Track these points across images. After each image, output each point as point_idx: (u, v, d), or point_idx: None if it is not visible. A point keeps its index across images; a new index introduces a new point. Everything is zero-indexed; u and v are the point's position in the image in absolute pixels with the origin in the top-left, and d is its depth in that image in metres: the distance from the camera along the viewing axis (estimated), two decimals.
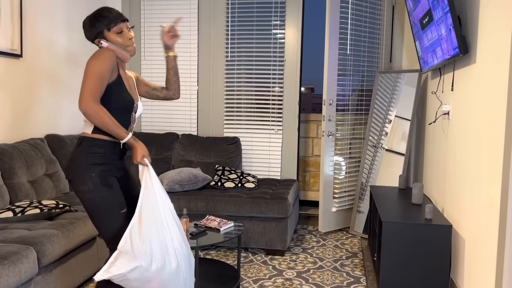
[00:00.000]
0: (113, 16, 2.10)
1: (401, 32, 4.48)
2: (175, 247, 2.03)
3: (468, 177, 2.56)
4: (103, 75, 1.97)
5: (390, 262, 2.72)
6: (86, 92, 1.92)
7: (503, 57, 2.11)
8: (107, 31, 2.10)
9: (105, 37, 2.11)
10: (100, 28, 2.09)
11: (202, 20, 4.66)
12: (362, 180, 4.26)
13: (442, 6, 2.68)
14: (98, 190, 2.01)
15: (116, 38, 2.11)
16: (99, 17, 2.09)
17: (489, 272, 2.21)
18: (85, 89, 1.92)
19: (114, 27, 2.10)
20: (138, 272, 1.91)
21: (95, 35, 2.10)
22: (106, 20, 2.09)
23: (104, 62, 1.98)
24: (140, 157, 2.03)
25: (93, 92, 1.93)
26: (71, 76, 4.12)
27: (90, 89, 1.93)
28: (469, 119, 2.58)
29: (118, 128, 1.97)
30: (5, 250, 2.21)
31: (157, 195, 2.03)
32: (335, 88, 4.21)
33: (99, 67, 1.96)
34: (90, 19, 2.11)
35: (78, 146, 2.06)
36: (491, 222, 2.19)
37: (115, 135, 1.98)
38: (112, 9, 2.12)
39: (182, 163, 4.36)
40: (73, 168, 2.04)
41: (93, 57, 1.99)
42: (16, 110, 3.41)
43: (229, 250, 3.74)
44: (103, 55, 1.99)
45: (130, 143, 2.02)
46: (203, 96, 4.71)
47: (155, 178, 2.05)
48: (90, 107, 1.91)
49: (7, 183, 2.96)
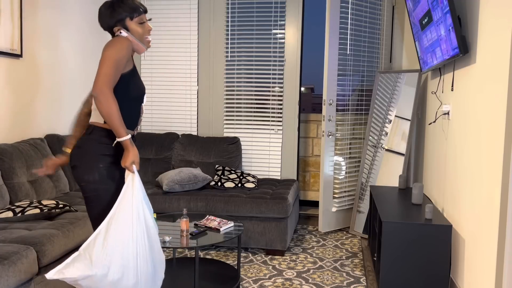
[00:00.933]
0: (135, 5, 2.04)
1: (401, 32, 4.48)
2: (138, 264, 1.92)
3: (468, 177, 2.56)
4: (120, 63, 1.93)
5: (390, 262, 2.72)
6: (102, 77, 1.87)
7: (503, 57, 2.11)
8: (129, 20, 2.03)
9: (125, 26, 2.04)
10: (122, 15, 2.02)
11: (202, 20, 4.66)
12: (362, 180, 4.26)
13: (441, 6, 2.68)
14: (104, 182, 1.99)
15: (137, 28, 2.05)
16: (122, 4, 2.02)
17: (489, 272, 2.21)
18: (101, 74, 1.87)
19: (137, 16, 2.04)
20: (91, 280, 1.85)
21: (115, 22, 2.02)
22: (129, 8, 2.02)
23: (122, 50, 1.93)
24: (130, 162, 1.94)
25: (109, 78, 1.88)
26: (71, 76, 4.12)
27: (106, 74, 1.88)
28: (469, 119, 2.58)
29: (121, 123, 1.92)
30: (5, 250, 2.21)
31: (133, 206, 1.92)
32: (335, 88, 4.21)
33: (117, 55, 1.91)
34: (112, 5, 2.02)
35: (88, 135, 2.01)
36: (491, 222, 2.19)
37: (115, 129, 1.91)
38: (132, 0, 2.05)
39: (182, 163, 4.36)
40: (81, 155, 1.99)
41: (111, 45, 1.93)
42: (16, 110, 3.41)
43: (229, 250, 3.74)
44: (122, 43, 1.94)
45: (126, 144, 1.95)
46: (203, 96, 4.71)
47: (138, 187, 1.95)
48: (103, 93, 1.86)
49: (7, 183, 2.96)
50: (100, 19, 2.06)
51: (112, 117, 1.88)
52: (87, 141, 2.01)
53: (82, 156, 1.99)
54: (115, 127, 1.91)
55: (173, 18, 4.68)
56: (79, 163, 2.00)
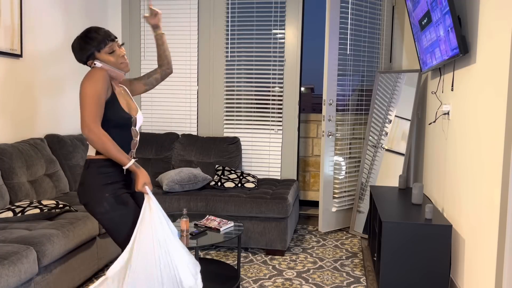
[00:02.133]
0: (101, 37, 2.06)
1: (401, 32, 4.48)
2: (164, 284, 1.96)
3: (468, 177, 2.56)
4: (100, 96, 1.96)
5: (390, 262, 2.72)
6: (87, 116, 1.92)
7: (503, 57, 2.11)
8: (97, 53, 2.07)
9: (96, 58, 2.07)
10: (90, 50, 2.05)
11: (202, 20, 4.66)
12: (362, 180, 4.26)
13: (440, 7, 2.68)
14: (115, 209, 2.03)
15: (108, 58, 2.08)
16: (88, 39, 2.06)
17: (489, 272, 2.21)
18: (85, 114, 1.92)
19: (104, 47, 2.07)
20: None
21: (86, 57, 2.07)
22: (95, 42, 2.05)
23: (98, 83, 1.96)
24: (141, 185, 2.00)
25: (94, 115, 1.93)
26: (71, 76, 4.12)
27: (91, 112, 1.93)
28: (469, 119, 2.58)
29: (120, 153, 1.97)
30: (5, 250, 2.21)
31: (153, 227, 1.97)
32: (335, 88, 4.21)
33: (94, 89, 1.94)
34: (79, 43, 2.07)
35: (87, 169, 2.05)
36: (491, 222, 2.19)
37: (117, 160, 1.98)
38: (99, 29, 2.08)
39: (182, 163, 4.36)
40: (86, 191, 2.04)
41: (87, 79, 1.96)
42: (16, 110, 3.41)
43: (229, 250, 3.74)
44: (96, 75, 1.97)
45: (132, 170, 2.01)
46: (203, 96, 4.71)
47: (155, 207, 2.00)
48: (92, 131, 1.91)
49: (7, 183, 2.96)
50: (74, 54, 2.11)
51: (109, 150, 1.94)
52: (88, 176, 2.05)
53: (87, 192, 2.04)
54: (115, 158, 1.97)
55: (173, 18, 4.68)
56: (88, 200, 2.04)
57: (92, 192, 2.03)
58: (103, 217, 2.02)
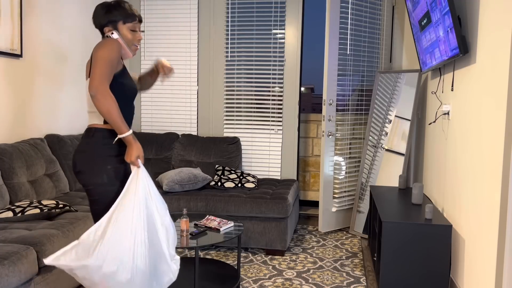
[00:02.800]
0: (132, 12, 2.08)
1: (401, 32, 4.48)
2: (135, 260, 1.89)
3: (468, 177, 2.56)
4: (113, 63, 1.94)
5: (390, 262, 2.72)
6: (98, 76, 1.88)
7: (503, 57, 2.11)
8: (121, 23, 2.06)
9: (117, 28, 2.06)
10: (116, 17, 2.04)
11: (202, 20, 4.66)
12: (362, 180, 4.26)
13: (440, 8, 2.68)
14: (112, 183, 2.00)
15: (127, 33, 2.08)
16: (118, 7, 2.05)
17: (489, 272, 2.21)
18: (96, 74, 1.88)
19: (130, 22, 2.07)
20: (86, 270, 1.85)
21: (107, 22, 2.04)
22: (125, 13, 2.05)
23: (113, 51, 1.94)
24: (135, 157, 1.95)
25: (105, 76, 1.89)
26: (71, 76, 4.12)
27: (102, 73, 1.88)
28: (469, 119, 2.58)
29: (121, 119, 1.92)
30: (5, 250, 2.21)
31: (136, 200, 1.91)
32: (335, 88, 4.21)
33: (109, 55, 1.92)
34: (108, 5, 2.04)
35: (90, 138, 2.01)
36: (491, 222, 2.19)
37: (116, 126, 1.92)
38: (131, 5, 2.09)
39: (182, 163, 4.36)
40: (86, 159, 1.99)
41: (102, 46, 1.94)
42: (16, 110, 3.41)
43: (229, 250, 3.74)
44: (112, 44, 1.95)
45: (128, 140, 1.95)
46: (203, 96, 4.71)
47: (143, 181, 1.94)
48: (100, 91, 1.87)
49: (7, 183, 2.96)
50: (94, 16, 2.08)
51: (112, 113, 1.88)
52: (91, 145, 2.01)
53: (87, 161, 2.00)
54: (116, 123, 1.91)
55: (173, 18, 4.68)
56: (85, 168, 1.99)
57: (94, 161, 1.98)
58: (96, 188, 1.98)
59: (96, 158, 1.99)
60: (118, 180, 2.02)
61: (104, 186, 1.99)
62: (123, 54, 2.10)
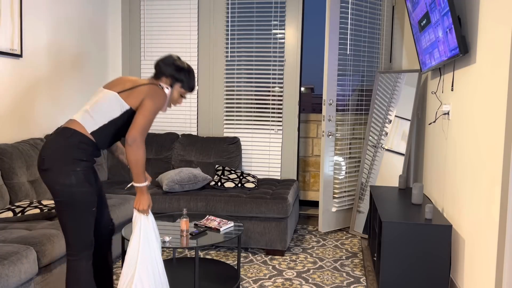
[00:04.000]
0: (192, 83, 2.30)
1: (401, 32, 4.48)
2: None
3: (468, 177, 2.56)
4: (156, 114, 2.15)
5: (390, 262, 2.72)
6: (140, 127, 2.06)
7: (503, 57, 2.11)
8: (178, 85, 2.26)
9: (171, 85, 2.25)
10: (179, 78, 2.25)
11: (202, 20, 4.66)
12: (362, 180, 4.26)
13: (439, 9, 2.68)
14: (81, 185, 2.05)
15: (176, 95, 2.29)
16: (188, 73, 2.26)
17: (489, 272, 2.21)
18: (140, 124, 2.06)
19: (184, 88, 2.28)
20: None
21: (168, 75, 2.24)
22: (188, 80, 2.27)
23: (161, 104, 2.15)
24: (147, 205, 2.14)
25: (147, 128, 2.09)
26: (71, 76, 4.12)
27: (143, 125, 2.07)
28: (469, 119, 2.58)
29: (143, 171, 2.11)
30: (5, 250, 2.21)
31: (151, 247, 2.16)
32: (335, 88, 4.21)
33: (157, 108, 2.13)
34: (182, 68, 2.25)
35: (66, 138, 2.06)
36: (491, 222, 2.19)
37: (136, 175, 2.09)
38: (195, 79, 2.33)
39: (182, 163, 4.36)
40: (56, 159, 2.03)
41: (156, 96, 2.13)
42: (16, 110, 3.41)
43: (229, 250, 3.74)
44: (163, 97, 2.16)
45: (141, 190, 2.13)
46: (203, 96, 4.71)
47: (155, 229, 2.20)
48: (136, 142, 2.04)
49: (7, 183, 2.96)
50: (164, 62, 2.26)
51: (139, 165, 2.07)
52: (64, 144, 2.05)
53: (57, 159, 2.03)
54: (137, 173, 2.09)
55: (173, 18, 4.68)
56: (53, 166, 2.03)
57: (64, 161, 2.03)
58: (64, 189, 2.02)
59: (67, 158, 2.03)
60: (88, 182, 2.09)
61: (71, 187, 2.03)
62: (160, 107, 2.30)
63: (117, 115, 2.14)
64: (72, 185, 2.03)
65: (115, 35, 4.79)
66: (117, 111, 2.13)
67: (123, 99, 2.14)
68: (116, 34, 4.79)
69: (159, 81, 2.25)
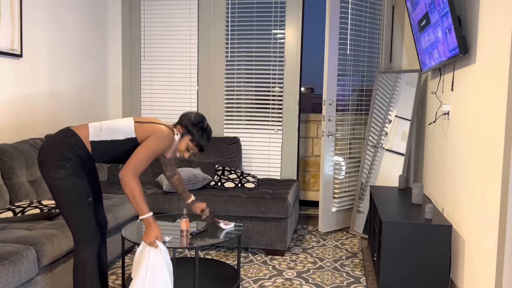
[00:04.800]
0: (204, 142, 2.36)
1: (401, 32, 4.48)
2: None
3: (468, 177, 2.56)
4: (156, 153, 2.19)
5: (390, 262, 2.72)
6: (133, 164, 2.11)
7: (503, 57, 2.11)
8: (189, 138, 2.34)
9: (183, 135, 2.33)
10: (192, 132, 2.33)
11: (202, 20, 4.66)
12: (362, 180, 4.26)
13: (438, 10, 2.68)
14: (69, 178, 2.15)
15: (183, 146, 2.36)
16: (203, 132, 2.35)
17: (489, 272, 2.21)
18: (134, 161, 2.12)
19: (194, 144, 2.35)
20: None
21: (185, 127, 2.33)
22: (199, 138, 2.33)
23: (164, 145, 2.21)
24: (154, 238, 2.14)
25: (140, 167, 2.13)
26: (71, 76, 4.12)
27: (139, 164, 2.12)
28: (469, 119, 2.58)
29: (143, 202, 2.13)
30: (5, 250, 2.21)
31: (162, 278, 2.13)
32: (335, 88, 4.21)
33: (158, 146, 2.18)
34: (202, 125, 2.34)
35: (64, 137, 2.18)
36: (491, 222, 2.19)
37: (137, 208, 2.13)
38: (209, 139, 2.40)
39: (182, 163, 4.36)
40: (49, 152, 2.16)
41: (161, 137, 2.19)
42: (16, 110, 3.41)
43: (229, 250, 3.74)
44: (168, 139, 2.22)
45: (148, 221, 2.15)
46: (203, 96, 4.71)
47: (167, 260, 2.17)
48: (127, 178, 2.09)
49: (7, 183, 2.96)
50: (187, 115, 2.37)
51: (135, 198, 2.11)
52: (60, 142, 2.17)
53: (50, 153, 2.16)
54: (137, 206, 2.13)
55: (173, 18, 4.68)
56: (46, 159, 2.16)
57: (55, 156, 2.14)
58: (54, 181, 2.14)
59: (58, 154, 2.15)
60: (76, 176, 2.17)
61: (60, 180, 2.14)
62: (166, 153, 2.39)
63: (121, 138, 2.23)
64: (61, 178, 2.13)
65: (115, 35, 4.79)
66: (122, 134, 2.23)
67: (134, 128, 2.24)
68: (116, 34, 4.79)
69: (175, 128, 2.36)
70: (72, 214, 2.17)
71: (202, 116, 2.38)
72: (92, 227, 2.23)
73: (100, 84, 4.63)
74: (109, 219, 3.06)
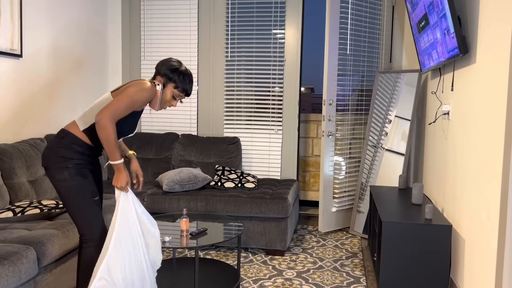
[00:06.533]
0: (188, 86, 2.29)
1: (401, 32, 4.48)
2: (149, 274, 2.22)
3: (468, 177, 2.56)
4: (136, 104, 2.14)
5: (390, 262, 2.72)
6: (111, 109, 2.08)
7: (503, 57, 2.11)
8: (172, 85, 2.27)
9: (165, 84, 2.27)
10: (173, 79, 2.26)
11: (202, 20, 4.66)
12: (362, 180, 4.26)
13: (437, 11, 2.69)
14: (73, 179, 2.19)
15: (168, 95, 2.29)
16: (183, 75, 2.26)
17: (489, 272, 2.21)
18: (111, 107, 2.08)
19: (179, 90, 2.29)
20: None
21: (162, 75, 2.25)
22: (182, 80, 2.26)
23: (144, 93, 2.17)
24: (125, 183, 2.17)
25: (117, 113, 2.09)
26: (71, 76, 4.12)
27: (116, 109, 2.09)
28: (469, 119, 2.58)
29: (116, 148, 2.12)
30: (5, 250, 2.21)
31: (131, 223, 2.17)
32: (335, 88, 4.21)
33: (137, 96, 2.14)
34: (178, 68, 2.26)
35: (60, 138, 2.22)
36: (491, 222, 2.19)
37: (110, 153, 2.12)
38: (192, 82, 2.32)
39: (182, 163, 4.36)
40: (51, 157, 2.20)
41: (139, 85, 2.16)
42: (16, 110, 3.41)
43: (229, 250, 3.74)
44: (149, 91, 2.18)
45: (118, 167, 2.17)
46: (203, 96, 4.71)
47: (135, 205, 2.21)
48: (103, 122, 2.06)
49: (7, 183, 2.96)
50: (162, 63, 2.28)
51: (109, 142, 2.09)
52: (58, 145, 2.22)
53: (51, 158, 2.20)
54: (110, 151, 2.12)
55: (173, 18, 4.68)
56: (50, 165, 2.20)
57: (57, 159, 2.19)
58: (60, 184, 2.18)
59: (59, 157, 2.19)
60: (80, 176, 2.20)
61: (66, 181, 2.18)
62: (152, 104, 2.30)
63: None
64: (66, 180, 2.18)
65: (115, 35, 4.79)
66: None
67: (112, 96, 2.24)
68: (116, 34, 4.79)
69: (154, 80, 2.30)
70: (80, 213, 2.21)
71: (178, 60, 2.33)
72: (101, 226, 2.27)
73: (100, 84, 4.63)
74: (108, 220, 3.06)
